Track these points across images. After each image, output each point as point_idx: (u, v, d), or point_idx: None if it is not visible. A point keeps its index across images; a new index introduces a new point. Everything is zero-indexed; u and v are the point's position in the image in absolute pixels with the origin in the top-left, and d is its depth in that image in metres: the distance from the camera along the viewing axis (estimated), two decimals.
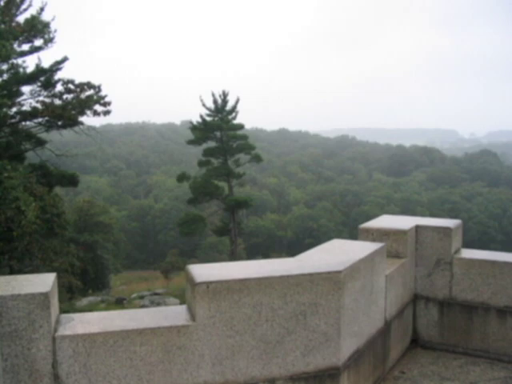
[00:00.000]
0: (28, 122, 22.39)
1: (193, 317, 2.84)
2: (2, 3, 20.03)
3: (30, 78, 21.03)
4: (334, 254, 3.58)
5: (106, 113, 22.33)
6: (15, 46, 20.51)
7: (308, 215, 62.69)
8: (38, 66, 21.20)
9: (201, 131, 34.92)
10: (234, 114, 35.90)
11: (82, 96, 21.64)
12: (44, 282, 2.70)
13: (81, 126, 22.51)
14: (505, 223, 53.96)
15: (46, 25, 21.08)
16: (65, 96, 21.74)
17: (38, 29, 20.71)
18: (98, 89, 21.96)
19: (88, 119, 22.67)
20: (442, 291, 4.63)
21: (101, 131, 26.43)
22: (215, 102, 35.98)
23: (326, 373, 3.15)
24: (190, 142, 36.14)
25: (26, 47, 21.30)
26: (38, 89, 21.56)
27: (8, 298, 2.46)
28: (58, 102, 21.67)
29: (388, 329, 4.15)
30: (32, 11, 21.13)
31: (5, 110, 19.58)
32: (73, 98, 21.63)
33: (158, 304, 25.61)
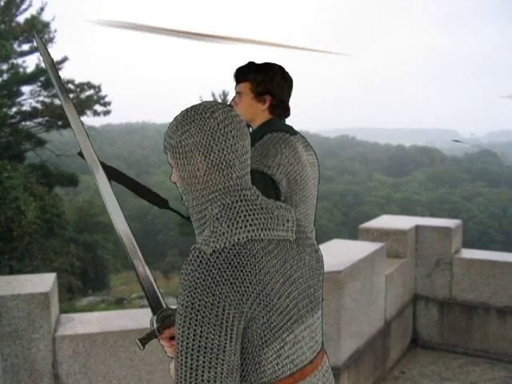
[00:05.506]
0: (28, 122, 22.40)
1: None
2: (2, 3, 20.03)
3: (30, 78, 21.05)
4: (333, 254, 3.58)
5: (106, 113, 22.36)
6: (15, 46, 20.53)
7: None
8: (38, 65, 21.21)
9: None
10: None
11: (82, 96, 21.68)
12: (44, 281, 2.70)
13: None
14: (505, 223, 53.88)
15: (46, 25, 21.09)
16: None
17: (38, 29, 20.71)
18: (97, 89, 21.99)
19: (88, 119, 22.69)
20: (441, 291, 4.63)
21: (101, 131, 26.46)
22: None
23: None
24: None
25: (26, 47, 21.31)
26: (38, 89, 21.59)
27: (8, 298, 2.46)
28: (58, 102, 21.68)
29: (388, 329, 4.15)
30: (32, 11, 21.15)
31: (5, 109, 19.59)
32: (73, 98, 21.63)
33: None
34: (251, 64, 1.95)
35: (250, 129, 2.07)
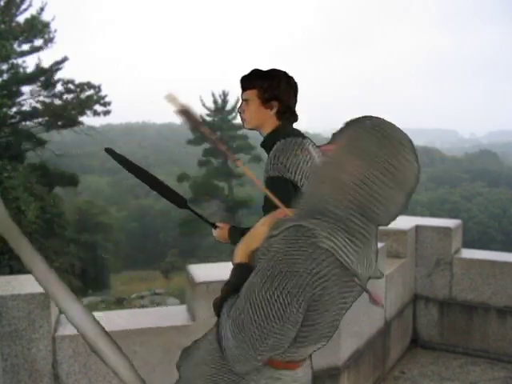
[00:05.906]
0: (28, 122, 22.41)
1: (193, 317, 2.84)
2: (2, 3, 20.04)
3: (30, 78, 21.06)
4: None
5: (106, 113, 22.37)
6: (15, 46, 20.53)
7: None
8: (37, 65, 21.23)
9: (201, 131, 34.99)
10: (234, 114, 35.90)
11: (82, 96, 21.68)
12: None
13: (81, 126, 22.53)
14: (505, 223, 53.87)
15: (46, 25, 21.09)
16: (65, 96, 21.77)
17: (37, 29, 20.71)
18: (97, 89, 22.00)
19: (88, 119, 22.70)
20: (441, 291, 4.63)
21: (101, 131, 26.43)
22: (215, 102, 36.02)
23: (326, 373, 3.15)
24: (190, 142, 36.17)
25: (26, 47, 21.33)
26: (37, 89, 21.60)
27: (8, 298, 2.46)
28: (58, 102, 21.70)
29: (388, 329, 4.15)
30: (32, 11, 21.16)
31: (5, 109, 19.60)
32: (73, 98, 21.66)
33: (158, 304, 25.57)
34: (257, 71, 1.98)
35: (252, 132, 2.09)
